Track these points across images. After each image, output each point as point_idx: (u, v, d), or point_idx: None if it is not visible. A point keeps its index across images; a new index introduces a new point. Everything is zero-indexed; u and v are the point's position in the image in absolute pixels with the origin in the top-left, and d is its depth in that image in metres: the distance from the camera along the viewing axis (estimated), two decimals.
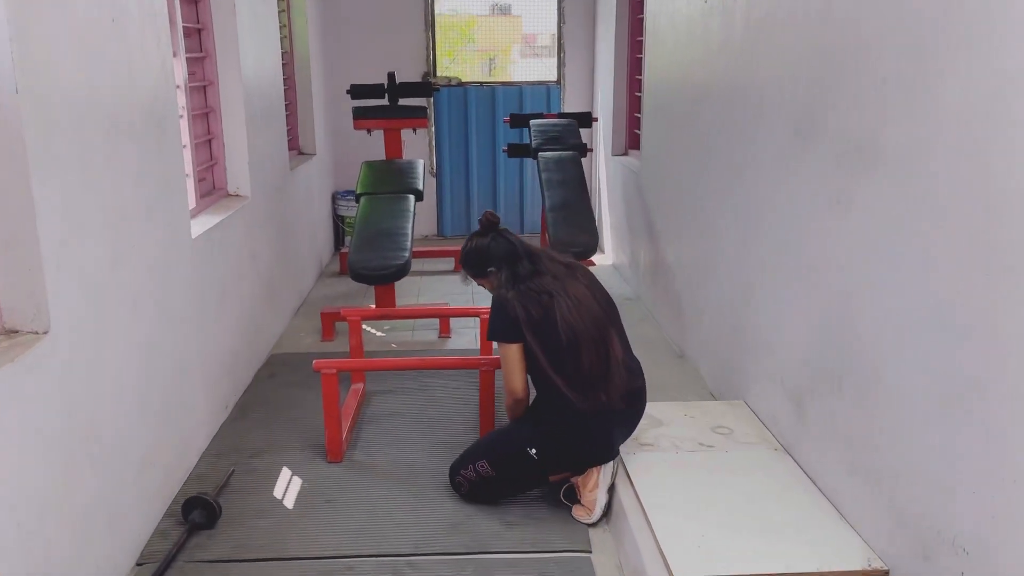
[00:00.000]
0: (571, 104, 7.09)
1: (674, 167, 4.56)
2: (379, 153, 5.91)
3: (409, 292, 5.67)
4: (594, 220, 4.84)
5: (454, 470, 3.04)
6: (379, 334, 4.89)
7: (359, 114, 5.60)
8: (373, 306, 4.83)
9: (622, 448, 2.95)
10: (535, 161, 5.54)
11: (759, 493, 2.74)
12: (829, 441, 2.67)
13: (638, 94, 5.99)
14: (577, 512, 2.90)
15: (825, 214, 2.69)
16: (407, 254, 4.47)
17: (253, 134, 4.29)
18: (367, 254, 4.44)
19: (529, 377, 2.90)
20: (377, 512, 2.96)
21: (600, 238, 4.73)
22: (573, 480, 2.91)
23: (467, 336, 4.79)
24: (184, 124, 3.63)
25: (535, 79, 7.24)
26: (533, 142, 5.53)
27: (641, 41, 5.69)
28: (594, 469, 2.84)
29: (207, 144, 4.06)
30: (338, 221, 6.89)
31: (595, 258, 6.23)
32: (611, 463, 2.85)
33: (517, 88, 7.11)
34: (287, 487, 3.14)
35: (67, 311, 2.28)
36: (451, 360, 3.60)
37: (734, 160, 3.53)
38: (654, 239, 4.98)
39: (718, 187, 3.76)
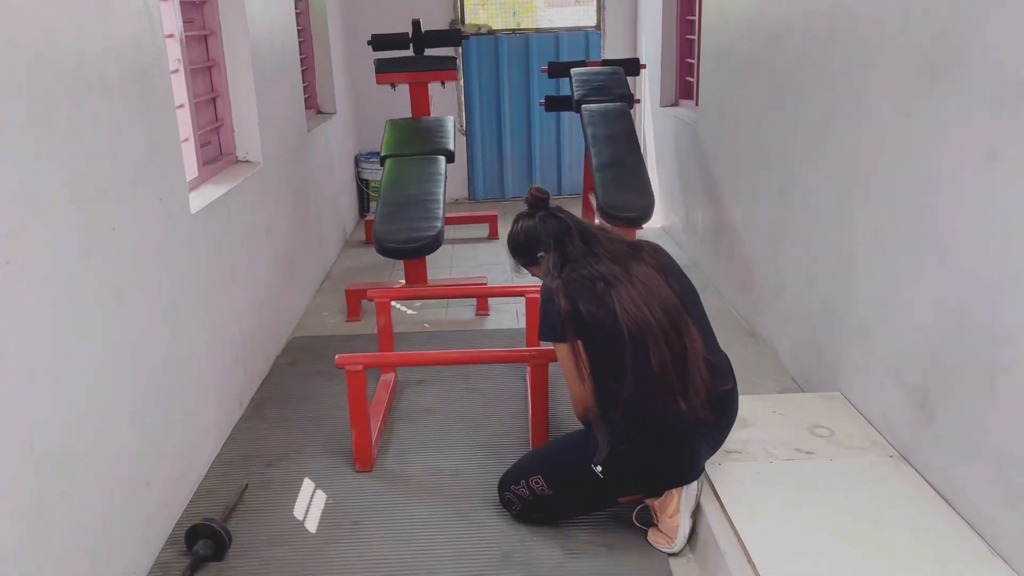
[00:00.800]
0: (612, 51, 6.47)
1: (743, 118, 3.98)
2: (404, 110, 5.37)
3: (440, 263, 5.17)
4: (649, 180, 4.28)
5: (504, 485, 2.57)
6: (409, 312, 4.41)
7: (382, 67, 5.05)
8: (402, 281, 4.34)
9: None
10: (578, 115, 4.97)
11: (881, 515, 2.23)
12: (972, 455, 2.15)
13: (690, 37, 5.38)
14: (654, 538, 2.41)
15: (968, 172, 2.14)
16: (439, 224, 3.96)
17: (263, 91, 3.78)
18: (394, 225, 3.93)
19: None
20: (414, 537, 2.50)
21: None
22: (649, 501, 2.42)
23: (508, 313, 4.29)
24: (181, 80, 3.12)
25: (572, 24, 6.62)
26: (575, 93, 4.96)
27: None
28: (674, 491, 2.34)
29: (211, 104, 3.56)
30: (362, 185, 6.39)
31: None
32: (695, 483, 2.35)
33: (553, 35, 6.50)
34: (309, 504, 2.69)
35: (21, 317, 1.81)
36: (495, 354, 3.09)
37: (830, 107, 2.95)
38: (716, 199, 4.42)
39: (807, 139, 3.19)
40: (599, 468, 2.33)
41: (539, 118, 6.59)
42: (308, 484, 2.80)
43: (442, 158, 4.60)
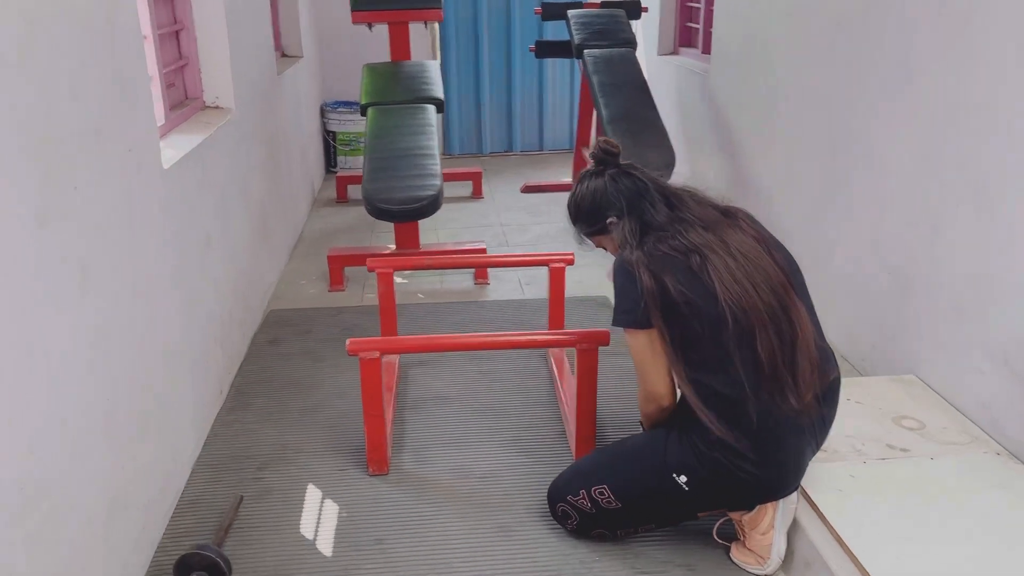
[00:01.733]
0: None
1: (779, 65, 3.58)
2: (375, 54, 4.84)
3: (424, 225, 4.68)
4: (667, 133, 3.87)
5: (557, 495, 2.17)
6: (399, 281, 3.94)
7: (359, 4, 4.49)
8: (391, 246, 3.87)
9: None
10: (573, 62, 4.52)
11: (1009, 527, 1.91)
12: None
13: None
14: (741, 557, 2.05)
15: None
16: (438, 182, 3.49)
17: (234, 25, 3.23)
18: (388, 183, 3.45)
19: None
20: (452, 560, 2.09)
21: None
22: (734, 515, 2.06)
23: (509, 282, 3.86)
24: (142, 5, 2.58)
25: None
26: (576, 37, 4.49)
27: None
28: (769, 504, 1.98)
29: (173, 38, 3.01)
30: (328, 138, 5.83)
31: None
32: (794, 494, 1.99)
33: None
34: (319, 519, 2.25)
35: None
36: (538, 338, 2.62)
37: (916, 45, 2.57)
38: (734, 155, 4.04)
39: (878, 85, 2.80)
40: (684, 479, 1.95)
41: (520, 66, 6.10)
42: (314, 492, 2.36)
43: (431, 107, 4.12)
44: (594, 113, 5.25)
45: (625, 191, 2.04)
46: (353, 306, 3.64)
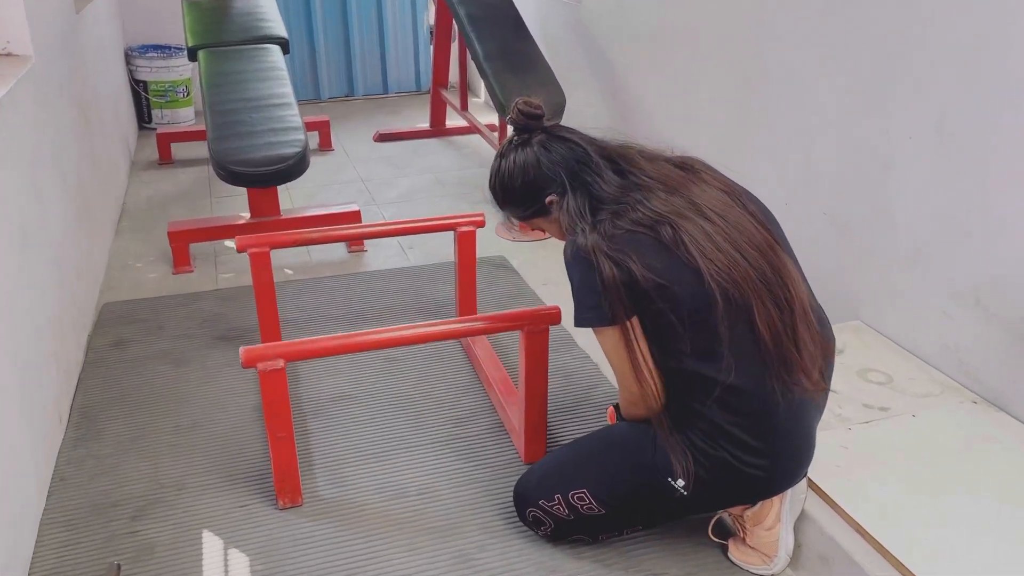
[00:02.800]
0: None
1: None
2: None
3: None
4: (551, 69, 3.51)
5: (526, 500, 1.83)
6: None
7: None
8: (244, 215, 3.29)
9: None
10: None
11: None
12: None
13: None
14: (741, 556, 1.79)
15: None
16: (303, 136, 2.96)
17: None
18: (242, 141, 2.88)
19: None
20: None
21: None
22: (734, 510, 1.79)
23: (388, 247, 3.40)
24: None
25: None
26: None
27: None
28: (775, 496, 1.72)
29: None
30: (139, 88, 4.99)
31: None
32: (803, 481, 1.75)
33: None
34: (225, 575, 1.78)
35: None
36: (479, 326, 2.06)
37: None
38: (620, 94, 3.74)
39: (795, 9, 2.56)
40: (680, 483, 1.64)
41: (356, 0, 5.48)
42: (212, 541, 1.87)
43: (276, 48, 3.53)
44: (452, 49, 4.81)
45: (562, 160, 1.68)
46: (208, 290, 3.06)
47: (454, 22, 4.45)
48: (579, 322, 1.64)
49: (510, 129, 1.81)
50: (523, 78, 3.38)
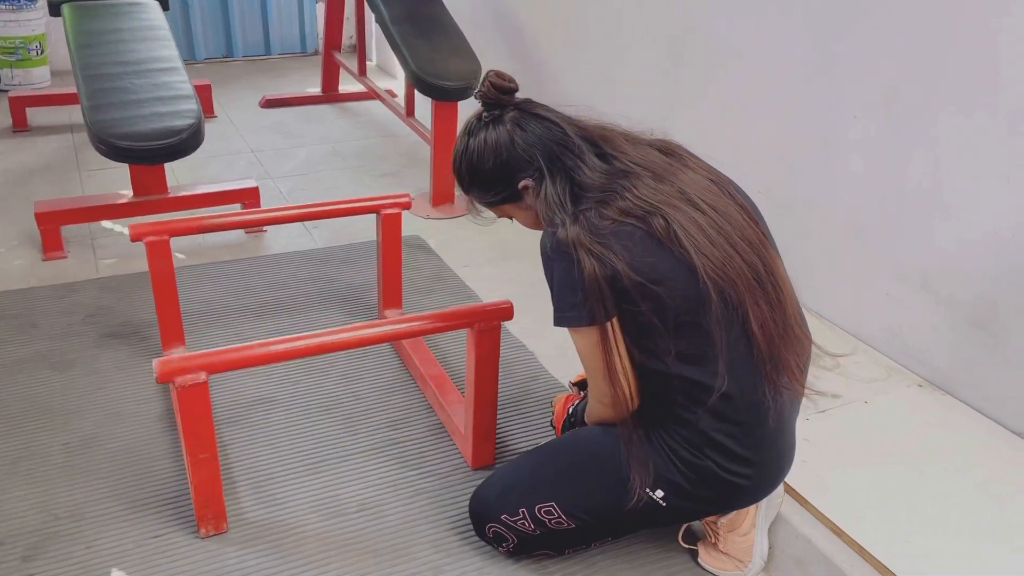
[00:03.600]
0: None
1: None
2: None
3: None
4: (464, 36, 3.28)
5: (485, 515, 1.68)
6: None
7: None
8: (126, 192, 2.93)
9: None
10: None
11: (987, 478, 1.77)
12: None
13: None
14: (713, 563, 1.71)
15: None
16: (196, 106, 2.64)
17: None
18: (125, 111, 2.54)
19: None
20: None
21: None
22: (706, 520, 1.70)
23: (289, 226, 3.12)
24: None
25: None
26: None
27: None
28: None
29: None
30: None
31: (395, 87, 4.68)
32: (780, 485, 1.68)
33: None
34: None
35: None
36: (425, 326, 1.80)
37: None
38: (533, 64, 3.57)
39: None
40: (660, 493, 1.53)
41: None
42: None
43: (154, 3, 3.15)
44: (345, 9, 4.51)
45: (538, 141, 1.51)
46: (88, 279, 2.71)
47: None
48: (559, 321, 1.48)
49: (419, 97, 1.61)
50: (434, 43, 3.15)
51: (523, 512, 1.62)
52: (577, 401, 1.82)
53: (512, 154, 1.52)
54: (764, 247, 1.51)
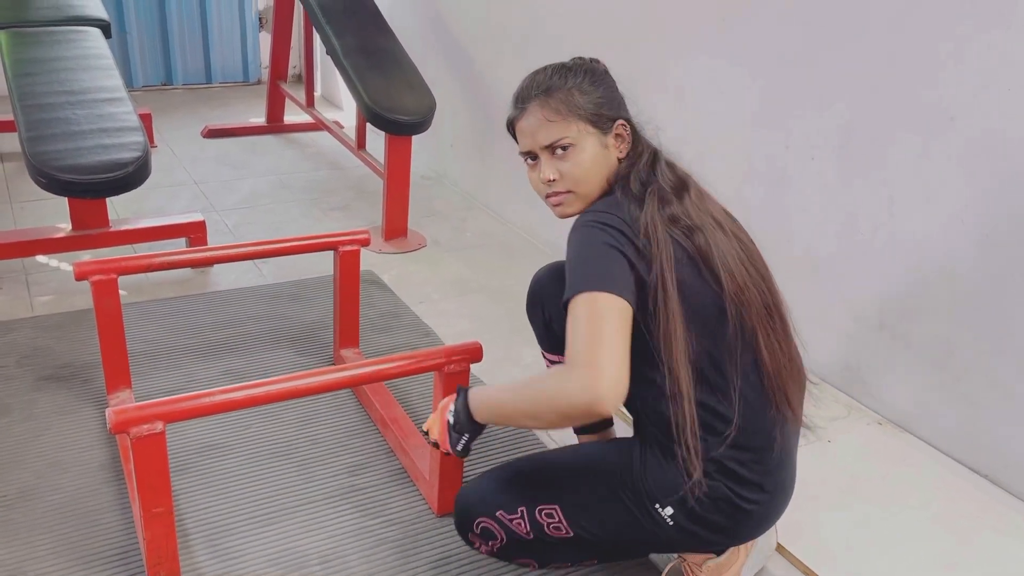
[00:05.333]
0: None
1: None
2: None
3: None
4: (417, 69, 3.26)
5: (481, 507, 1.61)
6: (68, 267, 2.91)
7: None
8: (67, 227, 2.81)
9: None
10: None
11: (955, 519, 1.80)
12: None
13: None
14: None
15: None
16: (142, 138, 2.55)
17: None
18: (67, 142, 2.43)
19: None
20: None
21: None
22: (694, 557, 1.68)
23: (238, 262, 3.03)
24: None
25: None
26: None
27: None
28: (744, 545, 1.63)
29: None
30: None
31: (342, 118, 4.63)
32: (773, 533, 1.66)
33: None
34: None
35: None
36: (390, 368, 1.71)
37: None
38: (480, 93, 3.57)
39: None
40: (669, 511, 1.48)
41: None
42: None
43: (95, 31, 3.05)
44: (294, 38, 4.45)
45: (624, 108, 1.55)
46: (23, 318, 2.58)
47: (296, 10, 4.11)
48: (575, 286, 1.34)
49: (370, 129, 1.59)
50: (388, 77, 3.12)
51: (522, 511, 1.57)
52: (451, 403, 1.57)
53: (623, 104, 1.55)
54: (771, 280, 1.51)
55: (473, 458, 2.05)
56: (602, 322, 1.29)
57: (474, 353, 1.77)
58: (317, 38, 3.95)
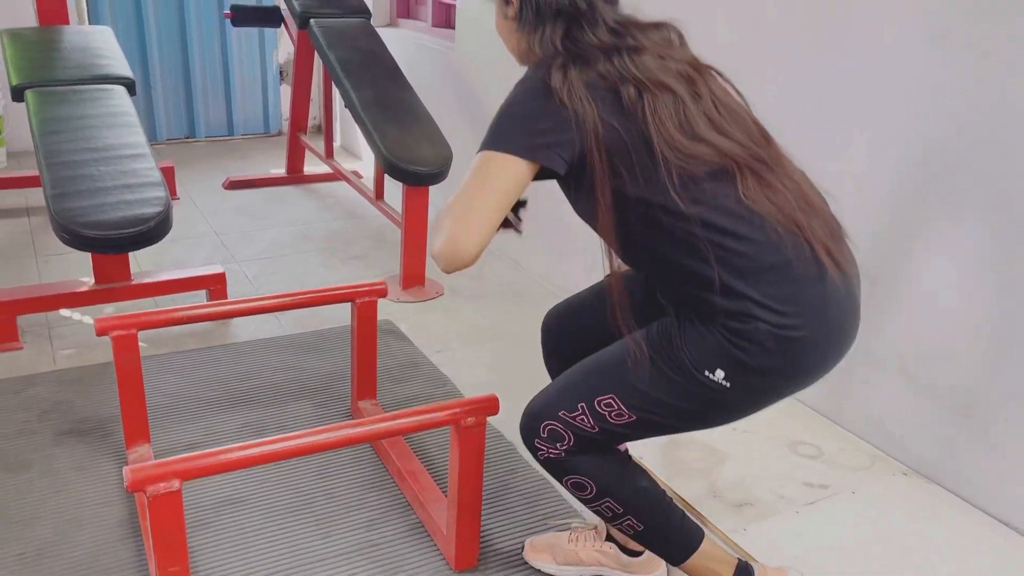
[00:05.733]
0: None
1: None
2: (5, 17, 3.64)
3: None
4: (434, 120, 3.30)
5: (546, 411, 1.58)
6: (90, 320, 2.94)
7: None
8: (90, 280, 2.85)
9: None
10: (305, 33, 3.74)
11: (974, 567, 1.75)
12: None
13: None
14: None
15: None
16: (164, 193, 2.59)
17: None
18: (91, 199, 2.48)
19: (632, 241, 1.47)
20: None
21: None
22: None
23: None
24: None
25: None
26: (297, 3, 3.71)
27: None
28: None
29: None
30: None
31: (360, 168, 4.69)
32: None
33: None
34: None
35: None
36: (404, 424, 1.70)
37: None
38: None
39: None
40: (721, 374, 1.42)
41: (198, 33, 5.05)
42: None
43: (120, 88, 3.12)
44: (313, 90, 4.54)
45: None
46: (45, 372, 2.60)
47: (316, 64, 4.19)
48: (493, 144, 1.39)
49: (388, 179, 1.60)
50: (406, 128, 3.16)
51: (582, 407, 1.54)
52: None
53: None
54: (769, 145, 1.46)
55: (490, 517, 2.04)
56: (484, 185, 1.38)
57: (490, 406, 1.76)
58: (336, 89, 4.02)
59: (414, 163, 3.04)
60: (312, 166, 4.64)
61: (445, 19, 4.22)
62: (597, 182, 1.40)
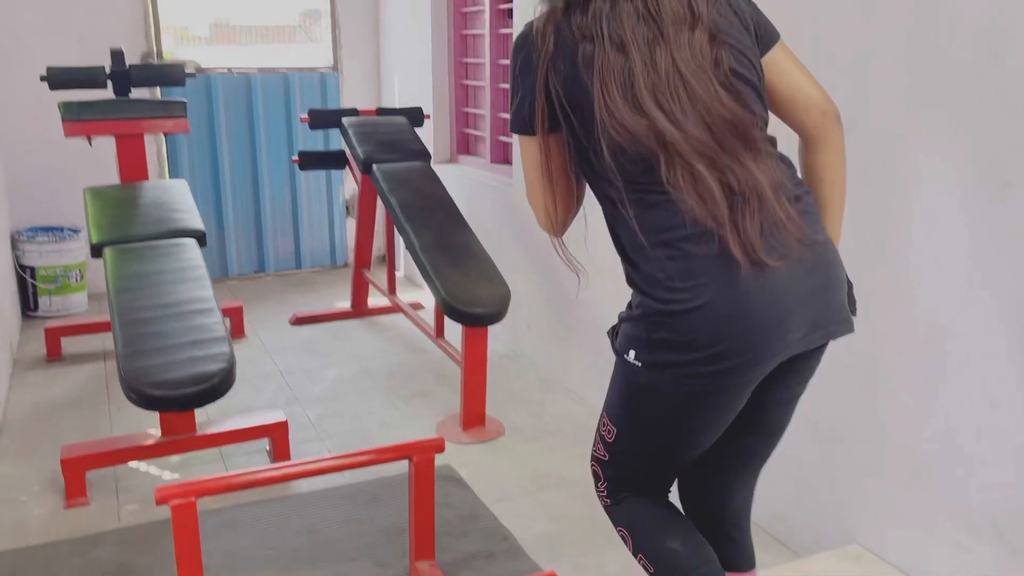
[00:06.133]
0: (352, 97, 5.43)
1: None
2: (91, 170, 3.87)
3: None
4: (493, 262, 3.34)
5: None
6: (157, 473, 2.96)
7: (73, 113, 3.51)
8: (156, 432, 2.89)
9: None
10: (368, 177, 3.88)
11: None
12: None
13: (467, 82, 4.58)
14: None
15: None
16: (228, 349, 2.64)
17: None
18: (157, 358, 2.54)
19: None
20: None
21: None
22: None
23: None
24: None
25: (303, 65, 5.43)
26: (360, 149, 3.85)
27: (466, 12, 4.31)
28: None
29: None
30: (24, 275, 4.56)
31: (421, 300, 4.74)
32: None
33: (280, 76, 5.25)
34: None
35: None
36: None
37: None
38: (557, 281, 3.61)
39: None
40: (632, 353, 1.43)
41: (268, 175, 5.29)
42: None
43: (192, 242, 3.24)
44: (378, 222, 4.66)
45: None
46: (111, 530, 2.61)
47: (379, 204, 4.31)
48: (510, 125, 1.52)
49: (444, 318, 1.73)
50: (464, 270, 3.20)
51: (596, 438, 1.62)
52: None
53: None
54: (737, 134, 1.34)
55: None
56: (530, 171, 1.51)
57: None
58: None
59: (472, 304, 3.06)
60: (376, 299, 4.72)
61: (503, 155, 4.33)
62: (537, 121, 1.41)
